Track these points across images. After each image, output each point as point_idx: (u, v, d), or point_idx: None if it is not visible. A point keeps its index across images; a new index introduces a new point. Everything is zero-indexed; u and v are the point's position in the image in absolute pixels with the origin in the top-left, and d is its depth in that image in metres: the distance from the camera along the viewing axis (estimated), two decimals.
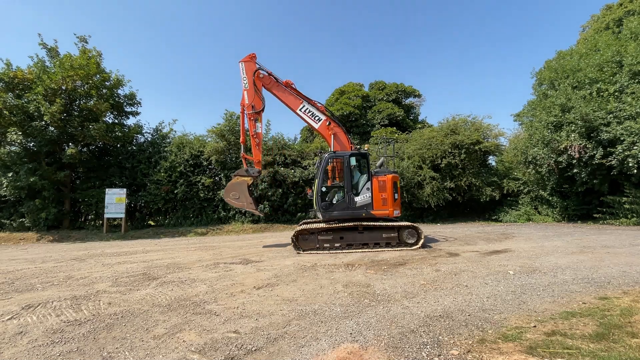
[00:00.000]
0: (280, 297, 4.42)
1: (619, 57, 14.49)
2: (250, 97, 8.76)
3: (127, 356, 2.82)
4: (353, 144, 9.55)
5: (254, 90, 8.86)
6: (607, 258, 6.61)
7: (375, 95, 27.44)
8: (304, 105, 9.29)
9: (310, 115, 9.31)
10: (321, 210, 8.37)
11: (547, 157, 15.03)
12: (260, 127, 8.82)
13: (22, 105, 14.26)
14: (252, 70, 8.93)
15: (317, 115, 9.37)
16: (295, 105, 9.30)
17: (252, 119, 8.74)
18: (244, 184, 8.93)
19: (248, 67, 8.90)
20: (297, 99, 9.32)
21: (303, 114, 9.30)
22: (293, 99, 9.33)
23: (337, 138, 9.41)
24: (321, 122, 9.35)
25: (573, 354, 2.62)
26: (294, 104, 9.31)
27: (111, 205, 15.14)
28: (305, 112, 9.29)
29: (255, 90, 8.88)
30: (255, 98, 8.87)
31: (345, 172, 8.42)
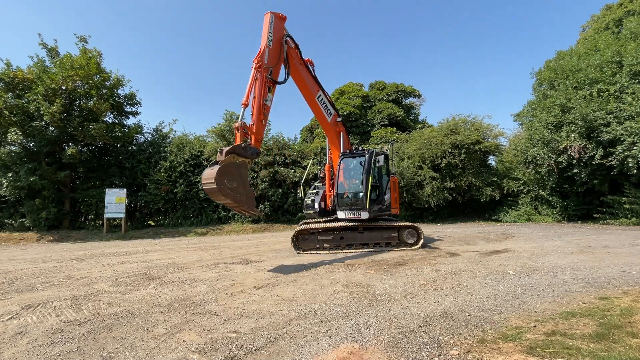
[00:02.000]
0: (280, 297, 4.42)
1: (619, 57, 14.50)
2: (271, 59, 6.82)
3: (127, 356, 2.82)
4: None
5: (279, 53, 7.09)
6: (607, 258, 6.61)
7: (375, 95, 27.44)
8: (320, 94, 8.30)
9: (325, 107, 8.39)
10: (367, 207, 7.87)
11: (547, 157, 15.03)
12: (271, 101, 6.93)
13: (22, 105, 14.27)
14: (280, 31, 7.20)
15: (329, 107, 8.57)
16: (314, 92, 8.16)
17: (266, 84, 6.65)
18: (244, 167, 6.10)
19: (277, 25, 7.10)
20: (316, 85, 8.30)
21: (320, 104, 8.28)
22: (313, 83, 8.22)
23: (344, 138, 9.03)
24: (332, 116, 8.62)
25: (573, 354, 2.62)
26: (313, 90, 8.17)
27: (111, 205, 15.14)
28: (321, 101, 8.29)
29: (280, 55, 7.15)
30: (278, 64, 7.10)
31: (381, 172, 8.57)
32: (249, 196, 6.09)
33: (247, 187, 6.10)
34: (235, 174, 5.85)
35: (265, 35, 6.83)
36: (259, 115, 6.50)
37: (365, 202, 7.79)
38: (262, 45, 6.74)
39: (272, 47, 6.88)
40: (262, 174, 17.21)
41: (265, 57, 6.69)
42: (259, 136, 6.57)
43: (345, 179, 8.54)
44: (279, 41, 7.11)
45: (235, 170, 5.85)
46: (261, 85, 6.51)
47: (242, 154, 6.02)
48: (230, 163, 5.80)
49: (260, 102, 6.49)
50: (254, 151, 6.34)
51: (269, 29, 6.87)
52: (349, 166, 8.77)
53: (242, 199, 5.92)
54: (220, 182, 5.54)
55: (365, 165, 8.06)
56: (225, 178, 5.64)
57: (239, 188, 5.87)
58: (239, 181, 5.88)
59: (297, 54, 7.73)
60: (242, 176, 5.98)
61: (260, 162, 17.68)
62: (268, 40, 6.82)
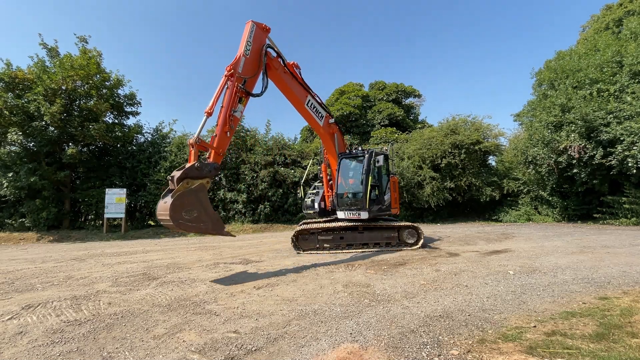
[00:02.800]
0: (280, 297, 4.42)
1: (619, 57, 14.50)
2: (247, 69, 6.33)
3: (127, 356, 2.82)
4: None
5: (257, 64, 6.61)
6: (607, 258, 6.61)
7: (375, 95, 27.44)
8: (309, 99, 7.83)
9: (315, 111, 7.96)
10: (367, 207, 7.83)
11: (547, 157, 15.04)
12: (242, 113, 6.32)
13: (22, 105, 14.27)
14: (260, 42, 6.72)
15: (320, 111, 8.12)
16: (302, 98, 7.69)
17: (237, 95, 6.12)
18: (202, 191, 5.47)
19: (258, 35, 6.66)
20: (304, 91, 7.79)
21: (309, 109, 7.83)
22: (300, 89, 7.72)
23: (339, 139, 8.79)
24: (324, 119, 8.21)
25: (573, 354, 2.62)
26: (301, 96, 7.68)
27: (111, 205, 15.14)
28: (311, 106, 7.85)
29: (259, 67, 6.66)
30: (255, 76, 6.61)
31: (381, 172, 8.56)
32: (214, 221, 5.57)
33: (209, 211, 5.53)
34: (193, 202, 5.25)
35: (243, 43, 6.39)
36: (223, 126, 5.90)
37: (365, 202, 7.76)
38: (238, 54, 6.30)
39: (250, 56, 6.46)
40: (262, 174, 17.20)
41: (240, 65, 6.23)
42: (220, 150, 5.94)
43: (345, 179, 8.54)
44: (257, 51, 6.63)
45: (192, 198, 5.24)
46: (231, 95, 6.01)
47: (198, 175, 5.33)
48: (184, 193, 5.15)
49: (227, 112, 5.93)
50: (212, 167, 5.63)
51: (247, 38, 6.46)
52: (349, 166, 8.77)
53: (208, 226, 5.45)
54: (176, 217, 5.02)
55: (365, 165, 8.04)
56: (181, 211, 5.08)
57: (201, 216, 5.34)
58: (199, 208, 5.32)
59: (280, 62, 7.28)
60: (201, 202, 5.39)
61: (260, 162, 17.67)
62: (245, 48, 6.37)
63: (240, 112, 6.24)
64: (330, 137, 8.56)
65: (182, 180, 5.17)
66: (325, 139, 8.70)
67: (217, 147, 5.92)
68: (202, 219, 5.35)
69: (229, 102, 5.97)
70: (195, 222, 5.25)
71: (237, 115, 6.18)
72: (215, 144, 5.88)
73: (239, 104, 6.22)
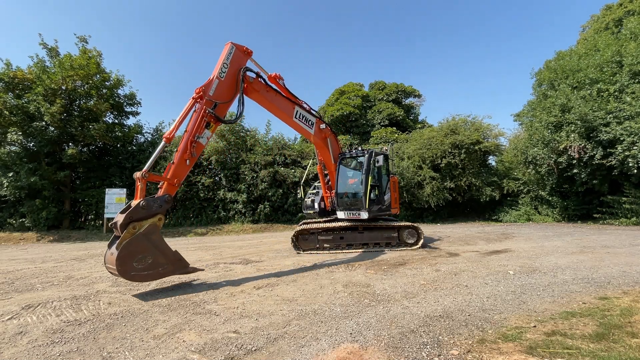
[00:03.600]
0: (280, 297, 4.42)
1: (619, 57, 14.50)
2: (220, 93, 5.79)
3: (127, 356, 2.82)
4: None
5: (233, 89, 6.06)
6: (607, 258, 6.61)
7: (375, 95, 27.44)
8: (297, 110, 7.30)
9: (305, 121, 7.46)
10: (367, 207, 7.77)
11: (547, 157, 15.04)
12: (208, 139, 5.73)
13: (22, 105, 14.26)
14: (239, 65, 6.17)
15: (309, 118, 7.59)
16: (289, 112, 7.15)
17: (204, 120, 5.51)
18: (154, 232, 4.79)
19: (237, 58, 6.15)
20: (290, 104, 7.22)
21: (299, 121, 7.33)
22: (286, 103, 7.15)
23: (332, 142, 8.31)
24: (314, 126, 7.69)
25: (573, 354, 2.62)
26: (287, 111, 7.13)
27: (111, 205, 15.12)
28: (299, 118, 7.36)
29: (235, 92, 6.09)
30: (228, 102, 6.06)
31: (381, 172, 8.57)
32: (175, 261, 5.00)
33: (167, 253, 4.91)
34: (145, 248, 4.62)
35: (219, 65, 5.85)
36: (183, 153, 5.26)
37: (365, 202, 7.75)
38: (212, 75, 5.78)
39: (225, 80, 5.88)
40: (262, 174, 17.20)
41: (212, 88, 5.66)
42: (175, 180, 5.24)
43: (345, 179, 8.53)
44: (234, 75, 6.03)
45: (142, 243, 4.61)
46: (197, 119, 5.42)
47: (145, 215, 4.70)
48: (131, 241, 4.50)
49: (190, 137, 5.32)
50: (163, 201, 4.95)
51: (224, 60, 5.92)
52: (349, 166, 8.77)
53: (168, 269, 4.92)
54: (126, 270, 4.45)
55: (365, 165, 8.04)
56: (131, 262, 4.49)
57: (158, 260, 4.76)
58: (154, 253, 4.72)
59: (261, 83, 6.66)
60: (155, 245, 4.76)
61: (260, 162, 17.67)
62: (220, 71, 5.83)
63: (206, 138, 5.65)
64: (324, 143, 8.15)
65: (126, 226, 4.51)
66: (318, 146, 8.28)
67: (172, 177, 5.19)
68: (160, 263, 4.79)
69: (194, 127, 5.37)
70: (151, 269, 4.70)
71: (201, 142, 5.57)
72: (169, 174, 5.17)
73: (206, 129, 5.59)
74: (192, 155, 5.40)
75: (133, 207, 4.62)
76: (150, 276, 4.76)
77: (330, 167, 8.54)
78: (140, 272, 4.60)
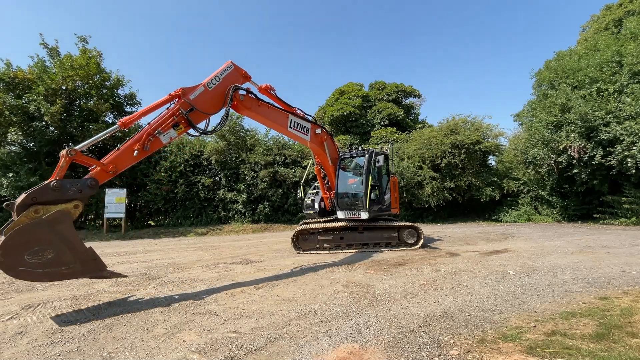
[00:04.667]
0: (280, 297, 4.42)
1: (619, 57, 14.51)
2: (204, 102, 5.37)
3: (127, 356, 2.82)
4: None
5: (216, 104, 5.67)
6: (607, 258, 6.61)
7: (375, 95, 27.43)
8: (291, 119, 7.02)
9: (300, 129, 7.22)
10: (367, 207, 7.73)
11: (547, 157, 15.04)
12: (170, 140, 5.21)
13: (22, 105, 14.27)
14: (231, 82, 5.87)
15: (304, 125, 7.34)
16: (283, 123, 6.87)
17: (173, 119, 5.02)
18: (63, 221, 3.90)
19: (231, 76, 5.92)
20: (283, 114, 6.89)
21: (294, 130, 7.07)
22: (279, 115, 6.82)
23: (329, 145, 8.12)
24: (310, 132, 7.47)
25: (573, 354, 2.62)
26: (281, 122, 6.84)
27: (111, 205, 15.13)
28: (294, 126, 7.09)
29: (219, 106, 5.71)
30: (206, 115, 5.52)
31: (381, 172, 8.57)
32: (86, 261, 4.01)
33: (77, 249, 3.96)
34: (46, 239, 3.70)
35: (211, 76, 5.61)
36: (134, 142, 4.67)
37: (365, 202, 7.74)
38: (200, 83, 5.49)
39: (211, 91, 5.54)
40: (262, 173, 17.20)
41: (195, 93, 5.30)
42: (111, 167, 4.46)
43: (345, 179, 8.53)
44: (222, 92, 5.71)
45: (43, 233, 3.67)
46: (166, 115, 4.97)
47: (55, 199, 3.82)
48: (27, 227, 3.56)
49: (151, 129, 4.80)
50: (84, 185, 4.09)
51: (218, 73, 5.69)
52: (349, 166, 8.77)
53: (76, 270, 3.95)
54: (11, 265, 3.53)
55: (365, 165, 8.04)
56: (22, 253, 3.55)
57: (62, 256, 3.79)
58: (58, 246, 3.78)
59: (253, 99, 6.28)
60: (62, 237, 3.82)
61: (260, 162, 17.67)
62: (211, 81, 5.56)
63: (169, 138, 5.09)
64: (321, 147, 7.95)
65: (25, 207, 3.62)
66: (316, 151, 8.14)
67: (110, 162, 4.46)
68: (64, 262, 3.81)
69: (160, 120, 4.92)
70: (51, 267, 3.73)
71: (162, 140, 4.98)
72: (108, 158, 4.49)
73: (173, 129, 5.06)
74: (144, 148, 4.76)
75: (40, 186, 3.77)
76: (47, 276, 3.79)
77: (328, 169, 8.43)
78: (33, 269, 3.61)
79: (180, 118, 5.07)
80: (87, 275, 4.20)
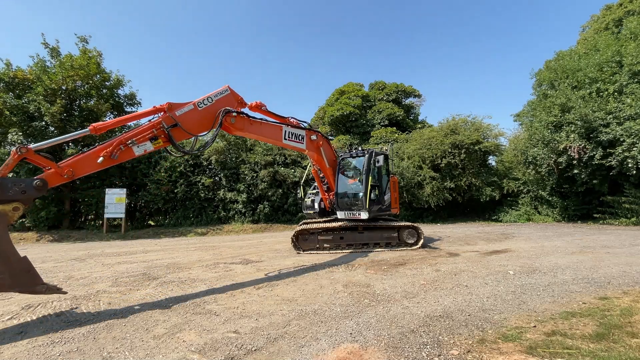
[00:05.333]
0: (280, 297, 4.42)
1: (619, 57, 14.51)
2: (188, 119, 5.12)
3: (127, 356, 2.82)
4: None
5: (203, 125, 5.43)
6: (607, 258, 6.61)
7: (375, 95, 27.44)
8: (285, 131, 6.84)
9: (295, 138, 7.08)
10: (367, 207, 7.73)
11: (547, 157, 15.04)
12: (144, 152, 4.80)
13: (22, 105, 14.27)
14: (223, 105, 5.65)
15: (299, 134, 7.19)
16: (277, 137, 6.72)
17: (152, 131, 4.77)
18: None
19: (225, 100, 5.75)
20: (276, 127, 6.72)
21: (289, 141, 6.94)
22: (272, 129, 6.66)
23: (325, 149, 7.98)
24: (305, 139, 7.32)
25: (573, 354, 2.62)
26: (276, 137, 6.70)
27: (111, 205, 15.13)
28: (289, 137, 6.93)
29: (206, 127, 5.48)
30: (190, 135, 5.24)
31: (381, 172, 8.58)
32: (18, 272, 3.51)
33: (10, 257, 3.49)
34: None
35: (204, 97, 5.41)
36: (101, 148, 4.32)
37: (365, 202, 7.75)
38: (191, 101, 5.31)
39: (200, 112, 5.29)
40: (262, 173, 17.21)
41: (183, 110, 5.08)
42: (66, 170, 4.10)
43: (345, 179, 8.53)
44: (212, 115, 5.48)
45: None
46: (146, 126, 4.73)
47: None
48: None
49: (123, 138, 4.49)
50: (29, 185, 3.75)
51: (212, 95, 5.52)
52: (349, 166, 8.77)
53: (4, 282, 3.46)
54: None
55: (365, 165, 8.05)
56: None
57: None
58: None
59: (243, 120, 6.04)
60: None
61: (260, 162, 17.68)
62: (202, 101, 5.33)
63: (143, 150, 4.71)
64: (317, 153, 7.82)
65: None
66: (313, 158, 8.04)
67: (67, 166, 4.09)
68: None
69: (137, 131, 4.65)
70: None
71: (134, 151, 4.61)
72: (68, 162, 4.14)
73: (150, 142, 4.74)
74: (111, 156, 4.37)
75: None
76: None
77: (326, 172, 8.31)
78: None
79: (160, 132, 4.83)
80: (16, 290, 3.58)
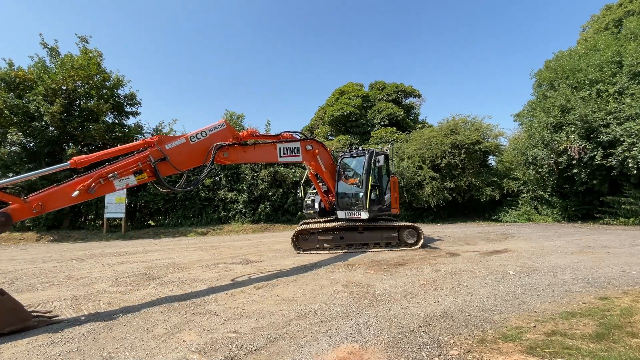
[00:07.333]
0: (280, 297, 4.42)
1: (619, 58, 14.51)
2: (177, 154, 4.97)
3: (127, 356, 2.82)
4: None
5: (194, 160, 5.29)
6: (607, 258, 6.61)
7: (375, 95, 27.43)
8: (280, 149, 6.89)
9: (290, 152, 7.15)
10: (367, 207, 7.74)
11: (547, 157, 15.04)
12: (126, 187, 4.60)
13: (22, 105, 14.28)
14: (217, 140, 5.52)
15: (294, 147, 7.24)
16: (273, 157, 6.83)
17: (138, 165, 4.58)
18: None
19: (220, 135, 5.60)
20: (271, 148, 6.78)
21: (285, 158, 7.03)
22: (267, 152, 6.74)
23: (321, 155, 7.95)
24: (300, 151, 7.37)
25: (573, 354, 2.62)
26: (271, 157, 6.82)
27: (111, 205, 15.14)
28: (285, 153, 7.00)
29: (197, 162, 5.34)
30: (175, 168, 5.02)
31: (382, 172, 8.58)
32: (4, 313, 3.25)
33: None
34: None
35: (198, 131, 5.24)
36: (79, 182, 4.07)
37: (365, 202, 7.75)
38: (183, 134, 5.17)
39: (192, 146, 5.10)
40: (263, 173, 17.22)
41: (173, 143, 4.87)
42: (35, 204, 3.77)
43: (345, 179, 8.53)
44: (204, 151, 5.32)
45: None
46: (132, 159, 4.51)
47: None
48: None
49: (105, 171, 4.27)
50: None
51: (207, 129, 5.35)
52: (349, 166, 8.77)
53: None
54: None
55: (365, 165, 8.05)
56: None
57: None
58: None
59: (236, 150, 5.91)
60: None
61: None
62: (195, 135, 5.16)
63: (125, 184, 4.48)
64: (314, 161, 7.83)
65: None
66: (311, 165, 8.05)
67: (36, 199, 3.79)
68: None
69: (121, 164, 4.42)
70: None
71: (114, 185, 4.37)
72: (38, 195, 3.84)
73: (133, 175, 4.51)
74: (88, 191, 4.09)
75: None
76: None
77: (324, 176, 8.26)
78: None
79: (145, 165, 4.62)
80: (6, 331, 3.26)
